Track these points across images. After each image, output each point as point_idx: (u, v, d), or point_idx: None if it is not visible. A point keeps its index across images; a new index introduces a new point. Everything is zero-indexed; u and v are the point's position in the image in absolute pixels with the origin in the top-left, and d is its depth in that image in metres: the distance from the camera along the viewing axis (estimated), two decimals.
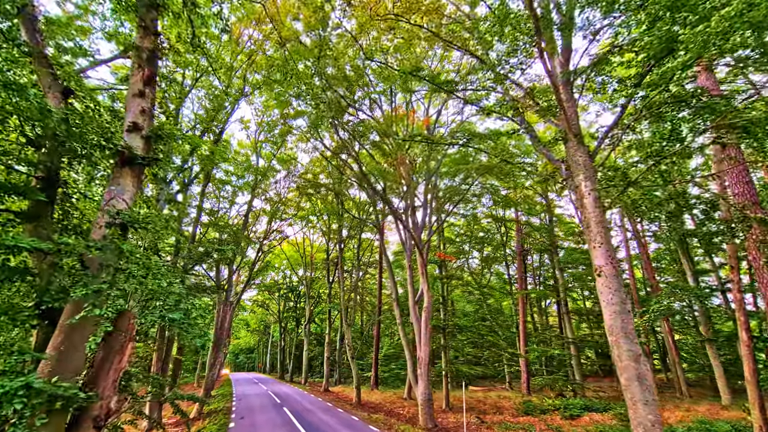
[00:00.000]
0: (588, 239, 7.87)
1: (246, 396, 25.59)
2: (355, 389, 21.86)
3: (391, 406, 21.56)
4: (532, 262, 36.27)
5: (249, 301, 56.05)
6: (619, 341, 6.98)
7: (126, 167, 4.64)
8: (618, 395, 23.33)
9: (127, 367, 9.75)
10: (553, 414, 17.41)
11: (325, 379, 30.10)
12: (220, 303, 23.55)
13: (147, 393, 10.06)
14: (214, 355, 22.24)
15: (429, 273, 17.95)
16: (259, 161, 25.56)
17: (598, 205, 7.85)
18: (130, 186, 4.63)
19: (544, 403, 19.07)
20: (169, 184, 15.54)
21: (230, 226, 21.20)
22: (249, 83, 18.30)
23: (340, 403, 21.94)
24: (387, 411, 19.62)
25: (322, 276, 44.55)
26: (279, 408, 19.36)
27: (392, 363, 35.65)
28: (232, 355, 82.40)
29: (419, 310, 15.99)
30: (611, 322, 7.17)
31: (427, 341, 14.71)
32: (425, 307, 15.00)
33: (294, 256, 43.84)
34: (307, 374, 37.58)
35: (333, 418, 16.60)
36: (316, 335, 51.73)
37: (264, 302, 52.40)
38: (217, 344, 22.64)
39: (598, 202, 7.87)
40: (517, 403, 20.59)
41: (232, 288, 25.83)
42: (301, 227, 39.96)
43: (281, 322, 48.53)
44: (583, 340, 23.60)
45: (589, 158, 8.21)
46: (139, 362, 18.17)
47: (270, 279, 48.83)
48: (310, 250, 40.94)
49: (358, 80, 13.87)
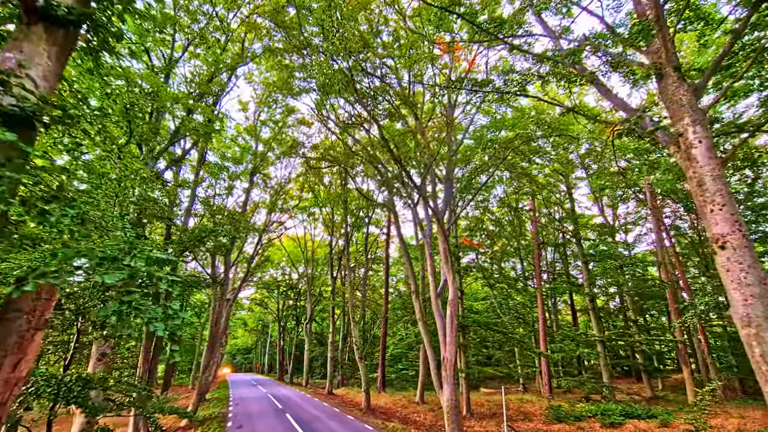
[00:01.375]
0: (700, 203, 5.94)
1: (244, 400, 23.58)
2: (364, 393, 19.90)
3: (404, 411, 19.62)
4: (545, 256, 34.44)
5: (247, 299, 53.98)
6: (764, 335, 5.05)
7: (38, 25, 2.72)
8: (650, 398, 21.48)
9: (92, 374, 7.73)
10: (589, 421, 15.52)
11: (329, 380, 28.13)
12: (215, 299, 21.51)
13: (128, 402, 8.10)
14: (209, 355, 20.23)
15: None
16: (258, 147, 23.57)
17: (713, 155, 5.93)
18: (43, 57, 2.69)
19: (575, 408, 17.18)
20: (156, 160, 13.55)
21: (227, 210, 19.11)
22: (249, 55, 16.37)
23: (347, 408, 19.97)
24: (401, 418, 17.67)
25: (324, 272, 42.54)
26: (281, 414, 17.37)
27: (399, 363, 33.73)
28: (229, 356, 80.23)
29: (442, 304, 14.06)
30: (746, 309, 5.25)
31: (452, 339, 12.76)
32: (450, 301, 13.04)
33: (294, 251, 41.82)
34: (308, 375, 35.58)
35: (344, 427, 14.65)
36: (317, 334, 49.75)
37: (262, 300, 50.31)
38: (213, 344, 20.62)
39: (713, 151, 5.95)
40: (543, 408, 18.69)
41: (229, 283, 23.83)
42: (302, 220, 38.00)
43: (280, 321, 46.47)
44: (611, 339, 21.74)
45: (694, 97, 6.29)
46: (121, 366, 16.20)
47: (269, 276, 46.73)
48: (311, 245, 38.93)
49: (375, 36, 11.96)
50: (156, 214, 14.32)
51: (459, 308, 20.37)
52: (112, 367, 12.19)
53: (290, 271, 47.95)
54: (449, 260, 13.60)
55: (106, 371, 9.93)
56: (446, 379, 12.50)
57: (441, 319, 13.61)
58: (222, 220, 15.99)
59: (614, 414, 15.42)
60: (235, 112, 70.96)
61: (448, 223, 14.77)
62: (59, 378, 5.42)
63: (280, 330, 47.16)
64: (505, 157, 11.96)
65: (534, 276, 26.84)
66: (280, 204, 27.20)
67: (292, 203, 29.19)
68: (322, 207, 30.48)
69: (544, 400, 21.01)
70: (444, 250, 13.77)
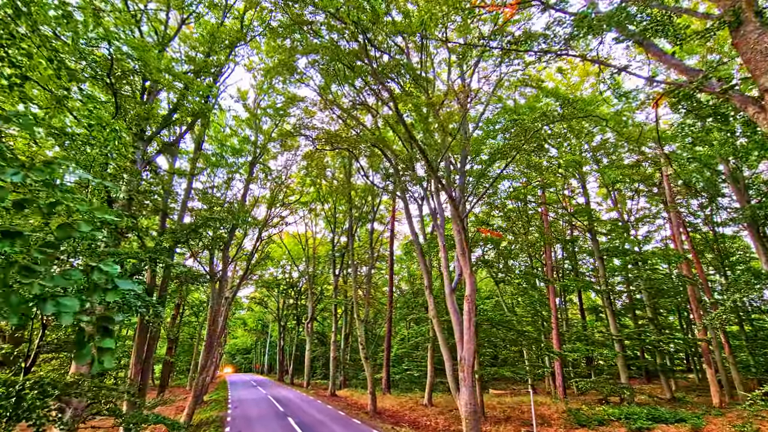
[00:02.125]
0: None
1: (243, 402, 22.52)
2: (370, 395, 18.86)
3: (412, 414, 18.59)
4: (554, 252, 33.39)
5: (246, 298, 52.89)
6: None
7: None
8: (669, 400, 20.44)
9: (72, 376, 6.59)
10: (613, 426, 14.50)
11: (331, 381, 27.06)
12: (213, 296, 20.41)
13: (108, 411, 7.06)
14: (207, 355, 19.15)
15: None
16: (259, 139, 22.49)
17: None
18: None
19: (596, 412, 16.14)
20: (148, 143, 12.50)
21: (227, 203, 18.01)
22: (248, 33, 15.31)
23: (353, 411, 18.93)
24: (411, 422, 16.64)
25: (326, 270, 41.49)
26: (282, 418, 16.33)
27: (402, 363, 32.70)
28: (228, 356, 79.14)
29: (457, 300, 13.03)
30: None
31: (471, 337, 11.73)
32: (467, 296, 12.01)
33: (295, 249, 40.76)
34: (309, 376, 34.52)
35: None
36: (319, 334, 48.70)
37: (262, 299, 49.20)
38: (210, 343, 19.56)
39: None
40: (559, 412, 17.68)
41: (227, 279, 22.78)
42: (302, 217, 36.94)
43: (280, 321, 45.35)
44: (630, 337, 20.69)
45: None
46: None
47: (269, 274, 45.64)
48: (313, 242, 37.85)
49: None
50: (147, 201, 13.30)
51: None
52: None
53: (290, 270, 46.90)
54: (466, 252, 12.56)
55: (87, 373, 8.88)
56: (464, 381, 11.48)
57: (456, 316, 12.59)
58: (220, 211, 14.91)
59: (640, 418, 14.38)
60: (234, 102, 69.59)
61: (462, 214, 13.73)
62: (17, 385, 4.32)
63: (280, 329, 46.08)
64: (529, 138, 10.89)
65: (544, 273, 25.82)
66: (280, 198, 26.16)
67: (293, 198, 28.13)
68: (324, 202, 29.43)
69: (559, 403, 19.97)
70: (460, 240, 12.74)
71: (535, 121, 10.36)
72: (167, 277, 15.54)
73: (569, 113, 10.78)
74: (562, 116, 10.60)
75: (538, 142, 13.29)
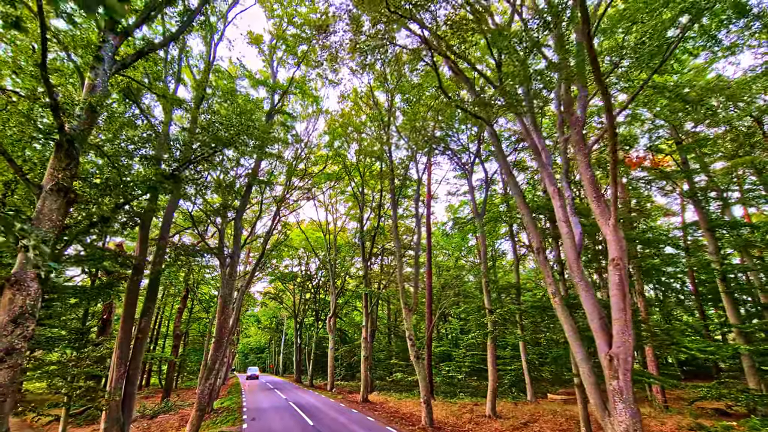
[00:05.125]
0: None
1: (261, 412, 18.45)
2: (424, 405, 14.60)
3: (478, 429, 14.29)
4: None
5: (260, 294, 49.10)
6: None
7: None
8: None
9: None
10: None
11: (363, 385, 22.83)
12: (223, 281, 16.33)
13: None
14: (216, 354, 15.08)
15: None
16: (275, 97, 18.42)
17: None
18: None
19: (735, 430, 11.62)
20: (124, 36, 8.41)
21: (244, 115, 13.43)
22: None
23: (401, 425, 14.67)
24: None
25: (349, 263, 37.30)
26: None
27: (443, 363, 28.42)
28: (241, 355, 75.74)
29: (588, 267, 8.70)
30: None
31: (627, 324, 7.38)
32: (616, 260, 7.67)
33: (313, 236, 36.70)
34: (333, 378, 30.39)
35: None
36: (340, 331, 44.61)
37: (277, 294, 45.27)
38: (220, 339, 15.48)
39: None
40: (677, 427, 13.28)
41: (239, 261, 18.77)
42: (322, 202, 32.86)
43: (297, 317, 41.36)
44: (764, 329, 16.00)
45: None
46: (80, 368, 11.17)
47: (284, 266, 41.70)
48: (334, 228, 33.73)
49: None
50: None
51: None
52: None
53: (307, 261, 42.88)
54: (602, 195, 8.19)
55: (9, 380, 5.15)
56: (619, 392, 7.14)
57: (588, 292, 8.25)
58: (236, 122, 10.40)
59: None
60: (247, 44, 66.28)
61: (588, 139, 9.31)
62: None
63: (296, 326, 42.06)
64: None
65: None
66: (301, 167, 22.07)
67: (316, 169, 24.05)
68: (352, 177, 25.18)
69: (669, 415, 15.49)
70: (590, 180, 8.40)
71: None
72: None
73: None
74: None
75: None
